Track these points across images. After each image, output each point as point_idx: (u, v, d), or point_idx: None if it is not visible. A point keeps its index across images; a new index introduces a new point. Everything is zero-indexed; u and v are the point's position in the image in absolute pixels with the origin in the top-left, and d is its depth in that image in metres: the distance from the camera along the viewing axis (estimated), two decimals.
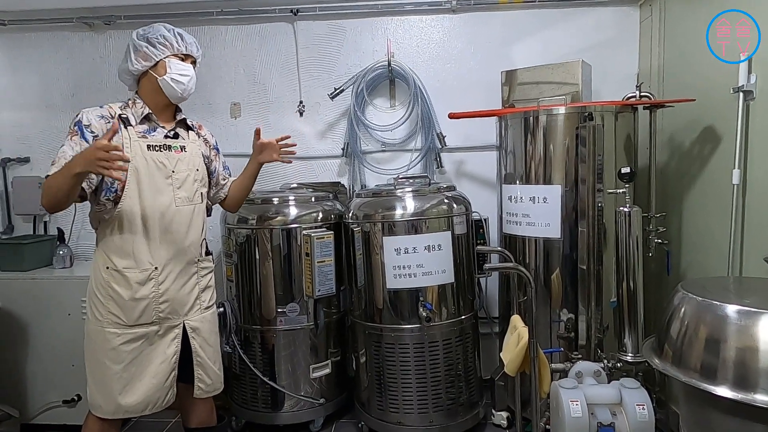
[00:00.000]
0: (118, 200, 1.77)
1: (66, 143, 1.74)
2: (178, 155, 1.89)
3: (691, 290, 1.56)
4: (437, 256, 2.39)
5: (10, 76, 3.21)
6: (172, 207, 1.85)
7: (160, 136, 1.87)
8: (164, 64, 1.83)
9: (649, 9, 2.82)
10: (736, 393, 1.34)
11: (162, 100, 1.88)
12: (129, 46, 1.85)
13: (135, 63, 1.82)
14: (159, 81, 1.83)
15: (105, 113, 1.81)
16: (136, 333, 1.81)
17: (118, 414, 1.83)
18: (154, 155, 1.83)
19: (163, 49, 1.82)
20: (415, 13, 3.04)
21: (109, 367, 1.80)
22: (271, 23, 3.10)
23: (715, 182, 2.22)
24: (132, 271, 1.79)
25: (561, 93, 2.55)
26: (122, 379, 1.80)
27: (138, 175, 1.78)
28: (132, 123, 1.83)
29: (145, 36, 1.82)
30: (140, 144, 1.81)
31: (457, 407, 2.45)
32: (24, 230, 3.19)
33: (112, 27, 3.14)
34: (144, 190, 1.79)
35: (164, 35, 1.83)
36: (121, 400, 1.81)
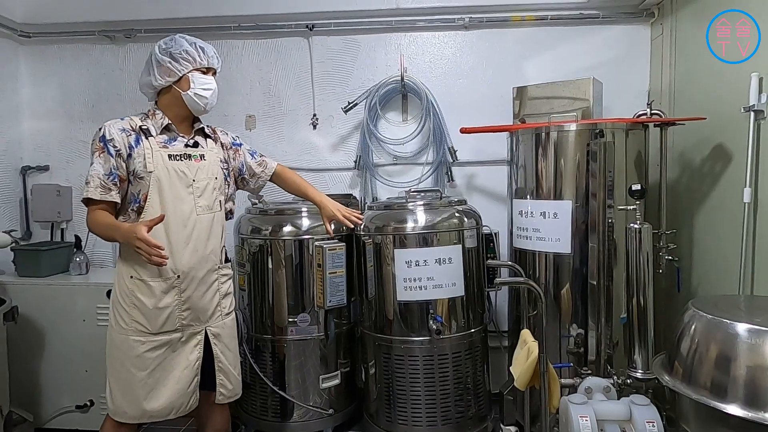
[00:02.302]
0: (141, 211, 1.81)
1: (95, 161, 1.80)
2: (198, 164, 1.92)
3: (701, 308, 1.56)
4: (448, 269, 2.41)
5: (32, 86, 3.29)
6: (193, 215, 1.89)
7: (180, 145, 1.91)
8: (188, 79, 1.86)
9: (660, 27, 2.85)
10: (746, 411, 1.34)
11: (183, 113, 1.92)
12: (151, 61, 1.88)
13: (159, 78, 1.86)
14: (183, 96, 1.86)
15: (126, 126, 1.85)
16: (160, 340, 1.85)
17: (144, 419, 1.88)
18: (175, 165, 1.86)
19: (186, 64, 1.85)
20: (428, 30, 3.09)
21: (135, 374, 1.84)
22: (287, 38, 3.16)
23: (726, 200, 2.22)
24: (155, 280, 1.83)
25: (572, 109, 2.58)
26: (147, 385, 1.85)
27: (160, 185, 1.82)
28: (153, 133, 1.87)
29: (168, 51, 1.85)
30: (161, 154, 1.85)
31: (466, 421, 2.45)
32: (42, 237, 3.25)
33: (132, 40, 3.22)
34: (166, 199, 1.83)
35: (187, 50, 1.85)
36: (146, 405, 1.85)
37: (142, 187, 1.83)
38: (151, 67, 1.87)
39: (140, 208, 1.82)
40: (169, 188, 1.83)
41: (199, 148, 1.96)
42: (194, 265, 1.89)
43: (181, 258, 1.86)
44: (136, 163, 1.81)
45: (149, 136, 1.85)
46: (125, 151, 1.81)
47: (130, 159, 1.81)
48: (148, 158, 1.81)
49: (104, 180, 1.78)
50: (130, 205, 1.84)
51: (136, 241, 1.67)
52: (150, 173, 1.81)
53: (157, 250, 1.67)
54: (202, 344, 1.93)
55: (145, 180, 1.82)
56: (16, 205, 3.22)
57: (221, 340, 1.98)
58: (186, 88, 1.86)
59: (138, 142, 1.83)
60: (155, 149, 1.84)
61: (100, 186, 1.78)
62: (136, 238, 1.66)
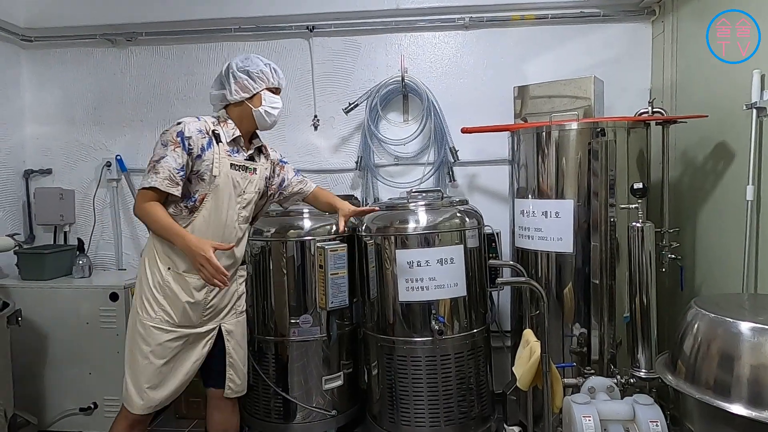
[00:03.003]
0: (194, 210, 1.89)
1: (169, 153, 1.83)
2: (251, 176, 2.02)
3: (704, 306, 1.56)
4: (450, 269, 2.40)
5: (34, 90, 3.31)
6: (235, 224, 1.98)
7: (241, 157, 1.99)
8: (260, 97, 1.96)
9: (661, 25, 2.84)
10: (750, 411, 1.33)
11: (249, 127, 2.01)
12: (228, 75, 1.95)
13: (234, 93, 1.95)
14: (253, 111, 1.96)
15: (202, 127, 1.90)
16: (182, 332, 1.92)
17: (150, 408, 1.92)
18: (234, 174, 1.95)
19: (261, 82, 1.96)
20: (429, 30, 3.09)
21: (153, 362, 1.89)
22: (287, 39, 3.17)
23: (728, 198, 2.21)
24: (192, 276, 1.89)
25: (573, 108, 2.57)
26: (161, 374, 1.91)
27: (218, 190, 1.91)
28: (222, 140, 1.93)
29: (245, 69, 1.94)
30: (226, 161, 1.93)
31: (469, 421, 2.45)
32: (45, 240, 3.26)
33: (133, 43, 3.23)
34: (219, 205, 1.91)
35: (262, 69, 1.96)
36: (153, 394, 1.91)
37: (201, 188, 1.89)
38: (227, 82, 1.95)
39: (194, 207, 1.89)
40: (224, 195, 1.92)
41: (254, 162, 2.05)
42: (227, 268, 1.94)
43: (218, 260, 1.91)
44: (203, 165, 1.88)
45: (219, 142, 1.92)
46: (196, 152, 1.87)
47: (198, 159, 1.87)
48: (216, 163, 1.89)
49: (173, 173, 1.83)
50: (184, 202, 1.89)
51: (202, 259, 1.76)
52: (214, 177, 1.89)
53: (221, 276, 1.78)
54: (213, 340, 2.01)
55: (206, 182, 1.89)
56: (19, 209, 3.23)
57: (234, 337, 2.06)
58: (257, 104, 1.96)
59: (209, 145, 1.90)
60: (222, 156, 1.91)
61: (168, 178, 1.82)
62: (204, 257, 1.76)
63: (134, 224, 3.31)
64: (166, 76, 3.25)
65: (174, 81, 3.25)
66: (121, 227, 3.30)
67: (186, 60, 3.23)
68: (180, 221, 1.88)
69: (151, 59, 3.25)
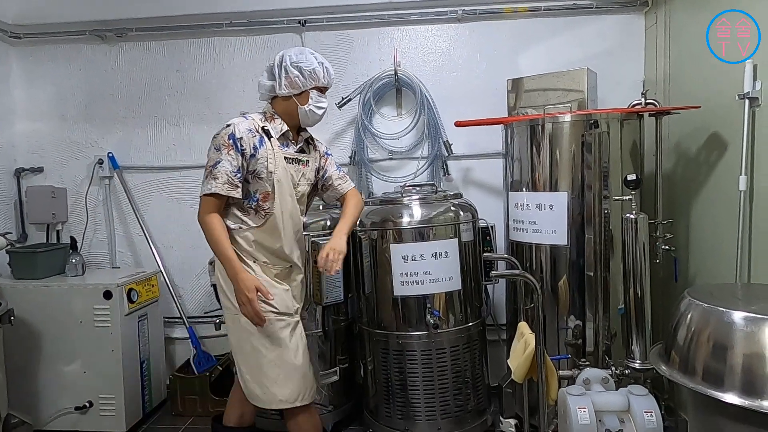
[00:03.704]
0: (259, 209, 1.92)
1: (224, 157, 1.84)
2: (304, 168, 2.04)
3: (698, 297, 1.56)
4: (444, 263, 2.40)
5: (24, 87, 3.28)
6: (297, 215, 2.01)
7: (292, 150, 2.00)
8: (308, 95, 1.94)
9: (654, 16, 2.84)
10: (743, 400, 1.33)
11: (294, 122, 2.01)
12: (280, 68, 1.93)
13: (284, 87, 1.93)
14: (298, 108, 1.94)
15: (251, 126, 1.90)
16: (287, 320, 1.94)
17: (273, 404, 1.93)
18: (289, 168, 1.97)
19: (312, 81, 1.93)
20: (422, 23, 3.08)
21: (264, 354, 1.90)
22: (279, 34, 3.14)
23: (722, 189, 2.22)
24: (275, 267, 1.96)
25: (567, 100, 2.57)
26: (276, 366, 1.90)
27: (280, 186, 1.92)
28: (272, 135, 1.93)
29: (298, 65, 1.91)
30: (280, 156, 1.94)
31: (465, 414, 2.45)
32: (37, 238, 3.24)
33: (123, 39, 3.20)
34: (283, 200, 1.93)
35: (315, 68, 1.93)
36: (275, 390, 1.90)
37: (260, 186, 1.90)
38: (278, 75, 1.93)
39: (258, 206, 1.91)
40: (285, 189, 1.93)
41: (305, 154, 2.06)
42: (299, 259, 2.04)
43: (293, 252, 2.00)
44: (258, 163, 1.88)
45: (270, 137, 1.92)
46: (249, 151, 1.87)
47: (252, 159, 1.88)
48: (270, 160, 1.89)
49: (231, 176, 1.84)
50: (247, 202, 1.91)
51: (244, 298, 1.79)
52: (271, 173, 1.89)
53: (258, 319, 1.82)
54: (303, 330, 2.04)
55: (265, 180, 1.89)
56: (10, 208, 3.21)
57: (303, 325, 2.08)
58: (304, 102, 1.94)
59: (261, 143, 1.90)
60: (275, 151, 1.92)
61: (227, 182, 1.83)
62: (248, 298, 1.79)
63: (127, 222, 3.29)
64: (157, 71, 3.22)
65: (165, 77, 3.22)
66: (114, 225, 3.28)
67: (177, 55, 3.20)
68: (252, 221, 1.91)
69: (141, 55, 3.22)
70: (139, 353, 2.84)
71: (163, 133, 3.26)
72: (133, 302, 2.77)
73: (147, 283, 2.93)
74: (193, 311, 3.28)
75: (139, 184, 3.28)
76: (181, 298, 3.26)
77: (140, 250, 3.29)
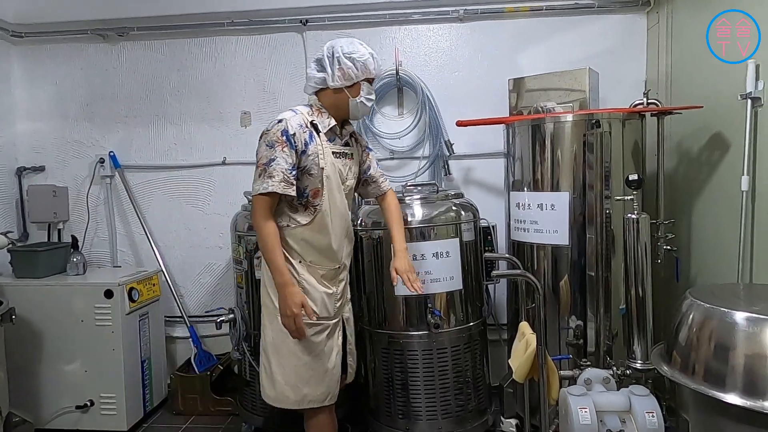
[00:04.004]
0: (308, 205, 1.90)
1: (278, 155, 1.80)
2: (350, 163, 2.02)
3: (699, 297, 1.55)
4: (445, 263, 2.40)
5: (25, 87, 3.28)
6: (345, 211, 1.98)
7: (339, 143, 1.98)
8: (359, 87, 1.90)
9: (656, 16, 2.83)
10: (745, 400, 1.33)
11: (343, 114, 1.97)
12: (332, 60, 1.87)
13: (336, 79, 1.87)
14: (350, 101, 1.91)
15: (302, 122, 1.87)
16: (324, 324, 1.95)
17: (303, 404, 1.94)
18: (337, 162, 1.94)
19: (363, 72, 1.89)
20: (423, 23, 3.07)
21: (300, 357, 1.91)
22: (280, 33, 3.14)
23: (723, 189, 2.21)
24: (322, 267, 1.94)
25: (568, 100, 2.57)
26: (310, 369, 1.92)
27: (330, 181, 1.91)
28: (320, 129, 1.90)
29: (351, 56, 1.86)
30: (329, 150, 1.91)
31: (466, 414, 2.45)
32: (38, 237, 3.25)
33: (125, 38, 3.20)
34: (332, 195, 1.91)
35: (367, 59, 1.88)
36: (306, 390, 1.92)
37: (310, 183, 1.88)
38: (328, 65, 1.88)
39: (308, 202, 1.89)
40: (334, 184, 1.91)
41: (349, 148, 2.03)
42: (348, 257, 2.02)
43: (341, 249, 1.98)
44: (308, 159, 1.86)
45: (318, 132, 1.89)
46: (301, 147, 1.85)
47: (303, 155, 1.85)
48: (320, 155, 1.87)
49: (287, 174, 1.81)
50: (297, 200, 1.89)
51: (290, 312, 1.79)
52: (321, 169, 1.87)
53: (299, 334, 1.82)
54: (342, 329, 2.04)
55: (315, 176, 1.87)
56: (12, 207, 3.21)
57: (350, 324, 2.10)
58: (355, 94, 1.90)
59: (311, 138, 1.87)
60: (324, 146, 1.89)
61: (283, 180, 1.80)
62: (294, 313, 1.78)
63: (128, 221, 3.29)
64: (159, 71, 3.22)
65: (166, 76, 3.22)
66: (115, 224, 3.29)
67: (178, 55, 3.20)
68: (301, 218, 1.90)
69: (143, 54, 3.23)
70: (140, 352, 2.84)
71: (165, 132, 3.26)
72: (134, 301, 2.77)
73: (148, 282, 2.93)
74: (194, 310, 3.28)
75: (140, 183, 3.28)
76: (182, 297, 3.26)
77: (141, 249, 3.29)
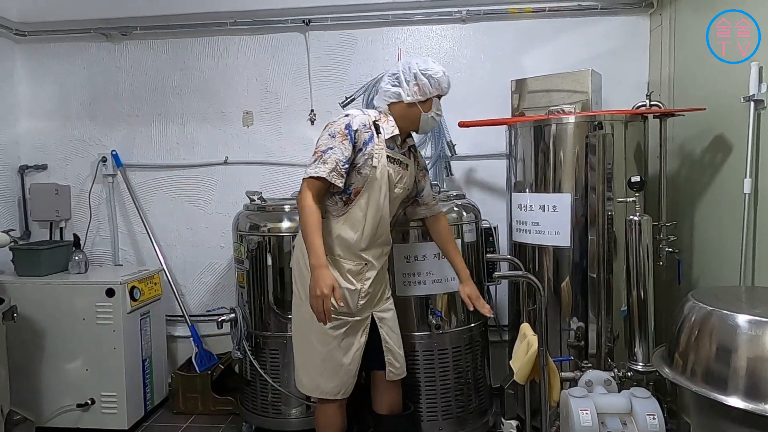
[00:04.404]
0: (349, 202, 1.95)
1: (337, 145, 1.87)
2: (403, 172, 2.06)
3: (701, 299, 1.55)
4: (447, 263, 2.39)
5: (28, 85, 3.28)
6: (386, 216, 2.01)
7: (396, 152, 2.04)
8: (431, 102, 2.00)
9: (659, 18, 2.83)
10: (747, 403, 1.33)
11: (410, 127, 2.04)
12: (408, 75, 1.96)
13: (411, 94, 1.96)
14: (422, 115, 1.99)
15: (366, 122, 1.95)
16: (343, 320, 1.98)
17: (316, 393, 2.04)
18: (390, 167, 1.98)
19: (437, 88, 1.98)
20: (426, 23, 3.08)
21: (316, 348, 1.98)
22: (283, 33, 3.14)
23: (726, 191, 2.21)
24: (348, 261, 1.98)
25: (571, 101, 2.56)
26: (325, 361, 1.98)
27: (375, 183, 1.94)
28: (381, 133, 1.97)
29: (426, 73, 1.95)
30: (384, 154, 1.96)
31: (467, 415, 2.45)
32: (41, 236, 3.25)
33: (128, 37, 3.21)
34: (374, 197, 1.95)
35: (441, 77, 1.98)
36: (320, 381, 2.00)
37: (357, 181, 1.93)
38: (405, 81, 1.97)
39: (348, 199, 1.95)
40: (379, 187, 1.94)
41: (406, 158, 2.08)
42: (377, 258, 2.03)
43: (369, 250, 2.00)
44: (362, 158, 1.91)
45: (379, 134, 1.96)
46: (359, 145, 1.91)
47: (359, 153, 1.91)
48: (375, 157, 1.92)
49: (340, 166, 1.87)
50: (340, 194, 1.94)
51: (320, 292, 1.78)
52: (374, 168, 1.92)
53: (324, 316, 1.81)
54: (368, 328, 2.06)
55: (363, 175, 1.92)
56: (14, 205, 3.21)
57: (386, 324, 2.11)
58: (427, 109, 1.99)
59: (371, 139, 1.93)
60: (381, 147, 1.95)
61: (335, 170, 1.86)
62: (324, 294, 1.78)
63: (130, 220, 3.30)
64: (162, 70, 3.23)
65: (169, 75, 3.23)
66: (117, 223, 3.29)
67: (181, 54, 3.21)
68: (337, 211, 1.95)
69: (146, 53, 3.23)
70: (141, 351, 2.84)
71: (167, 131, 3.26)
72: (136, 300, 2.78)
73: (149, 281, 2.93)
74: (196, 310, 3.28)
75: (142, 182, 3.28)
76: (184, 296, 3.27)
77: (143, 248, 3.30)
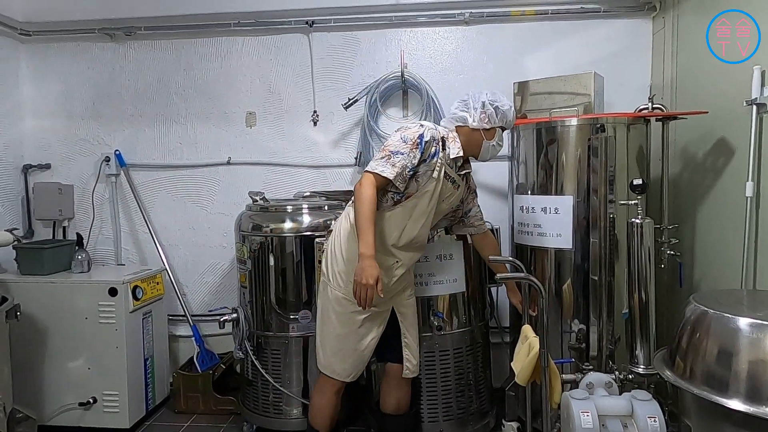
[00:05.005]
0: (398, 203, 2.03)
1: (407, 152, 1.96)
2: (454, 190, 2.14)
3: (703, 302, 1.55)
4: (449, 265, 2.40)
5: (33, 84, 3.30)
6: (427, 225, 2.10)
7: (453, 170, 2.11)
8: (494, 132, 2.09)
9: (661, 21, 2.83)
10: (748, 406, 1.33)
11: (471, 151, 2.13)
12: (476, 102, 2.06)
13: (477, 121, 2.06)
14: (484, 142, 2.08)
15: (436, 136, 2.04)
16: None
17: (326, 370, 2.13)
18: (445, 182, 2.07)
19: (502, 120, 2.08)
20: (429, 25, 3.09)
21: (337, 328, 2.08)
22: (286, 34, 3.16)
23: (728, 194, 2.21)
24: (384, 256, 2.03)
25: (573, 104, 2.57)
26: (339, 341, 2.08)
27: (427, 194, 2.02)
28: (446, 148, 2.05)
29: (494, 104, 2.06)
30: (443, 169, 2.05)
31: (468, 417, 2.45)
32: (44, 235, 3.26)
33: (132, 38, 3.22)
34: (421, 206, 2.03)
35: (507, 111, 2.07)
36: (333, 359, 2.10)
37: (412, 187, 2.01)
38: (473, 108, 2.07)
39: (399, 200, 2.03)
40: (429, 197, 2.03)
41: (460, 180, 2.16)
42: (409, 259, 2.13)
43: (402, 253, 2.09)
44: (424, 169, 2.00)
45: (444, 150, 2.05)
46: (425, 157, 1.99)
47: (423, 163, 2.00)
48: (436, 170, 2.01)
49: (405, 171, 1.96)
50: (393, 195, 2.03)
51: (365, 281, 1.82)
52: (431, 181, 2.01)
53: (365, 303, 1.86)
54: (386, 321, 2.15)
55: (419, 183, 2.01)
56: (17, 204, 3.23)
57: (406, 318, 2.20)
58: (490, 138, 2.08)
59: (436, 153, 2.02)
60: (443, 162, 2.04)
61: (399, 174, 1.94)
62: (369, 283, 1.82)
63: (133, 220, 3.31)
64: (165, 70, 3.24)
65: (173, 76, 3.24)
66: (120, 222, 3.30)
67: (185, 55, 3.22)
68: (382, 207, 2.01)
69: (149, 54, 3.24)
70: (143, 350, 2.85)
71: (170, 131, 3.27)
72: (138, 299, 2.78)
73: (152, 281, 2.94)
74: (197, 309, 3.29)
75: (145, 182, 3.29)
76: (186, 296, 3.28)
77: (146, 248, 3.31)
